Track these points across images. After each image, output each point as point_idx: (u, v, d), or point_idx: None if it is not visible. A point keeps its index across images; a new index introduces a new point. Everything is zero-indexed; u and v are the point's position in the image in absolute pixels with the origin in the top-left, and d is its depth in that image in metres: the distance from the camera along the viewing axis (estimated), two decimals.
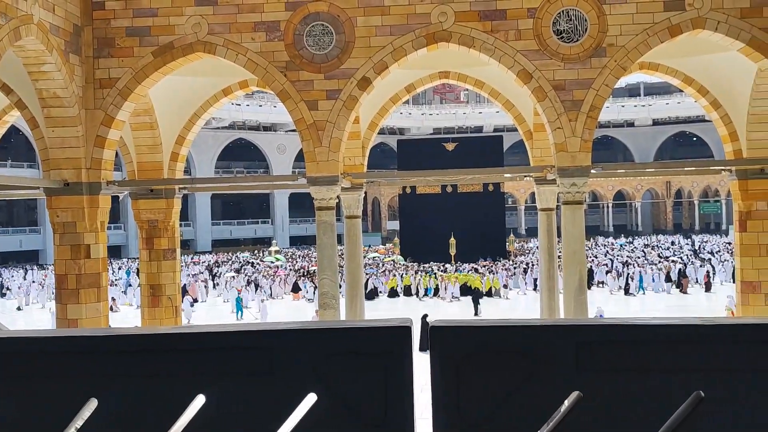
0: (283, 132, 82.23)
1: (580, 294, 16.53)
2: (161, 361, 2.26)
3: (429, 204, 59.50)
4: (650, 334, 2.24)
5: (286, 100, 16.67)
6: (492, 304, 38.20)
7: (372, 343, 2.21)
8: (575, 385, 2.13)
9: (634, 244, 69.95)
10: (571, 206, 16.76)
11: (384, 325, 2.22)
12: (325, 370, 2.20)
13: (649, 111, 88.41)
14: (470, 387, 2.19)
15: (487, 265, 49.90)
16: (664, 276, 43.33)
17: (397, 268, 49.83)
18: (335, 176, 16.75)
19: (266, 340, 2.23)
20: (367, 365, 2.21)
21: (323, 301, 16.95)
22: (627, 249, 65.19)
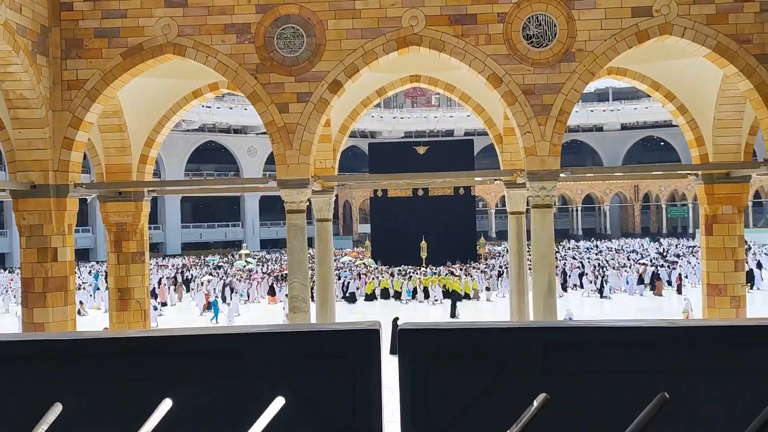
0: (253, 135, 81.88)
1: (549, 297, 16.64)
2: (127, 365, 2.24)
3: (400, 207, 59.59)
4: (616, 337, 2.26)
5: (257, 102, 16.61)
6: (472, 307, 38.33)
7: (340, 347, 2.21)
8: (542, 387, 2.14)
9: (599, 248, 70.55)
10: (541, 209, 16.87)
11: (352, 329, 2.22)
12: (294, 373, 2.19)
13: (618, 116, 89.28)
14: (438, 390, 2.19)
15: (463, 268, 50.02)
16: (636, 278, 43.77)
17: (372, 272, 49.84)
18: (306, 179, 16.71)
19: (234, 344, 2.22)
20: (335, 368, 2.20)
21: (294, 305, 16.89)
22: (593, 252, 65.78)
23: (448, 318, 35.37)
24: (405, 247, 56.12)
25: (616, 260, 54.61)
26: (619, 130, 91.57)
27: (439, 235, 56.60)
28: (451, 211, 59.05)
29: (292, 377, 2.20)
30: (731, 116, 18.79)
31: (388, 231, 60.21)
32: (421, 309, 39.19)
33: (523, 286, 22.37)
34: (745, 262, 20.73)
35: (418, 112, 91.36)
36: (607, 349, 2.24)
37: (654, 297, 41.32)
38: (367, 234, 70.33)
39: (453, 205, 59.42)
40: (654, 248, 68.38)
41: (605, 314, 35.43)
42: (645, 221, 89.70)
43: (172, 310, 41.16)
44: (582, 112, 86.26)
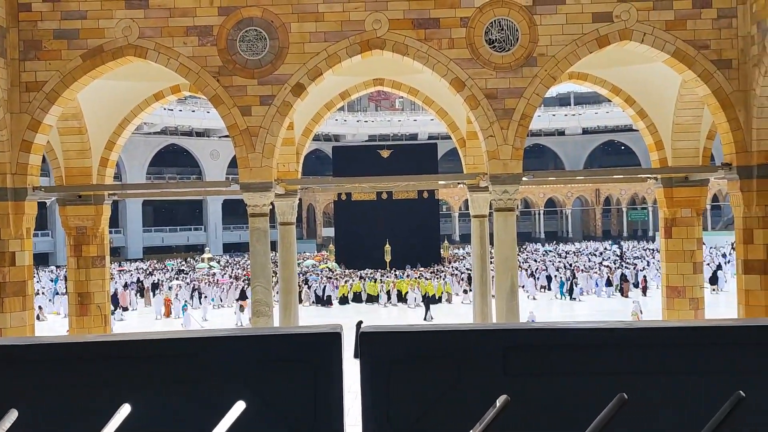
0: (216, 138, 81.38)
1: (512, 299, 16.74)
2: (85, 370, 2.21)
3: (364, 211, 59.62)
4: (576, 338, 2.28)
5: (219, 105, 16.50)
6: (447, 310, 38.42)
7: (301, 350, 2.20)
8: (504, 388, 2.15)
9: (559, 251, 71.21)
10: (503, 213, 16.97)
11: (313, 332, 2.21)
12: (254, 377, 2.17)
13: (579, 120, 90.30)
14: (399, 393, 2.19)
15: (434, 271, 50.11)
16: (605, 281, 44.25)
17: (343, 275, 49.79)
18: (269, 182, 16.64)
19: (193, 348, 2.20)
20: (296, 372, 2.19)
21: (256, 309, 16.80)
22: (552, 255, 66.42)
23: (422, 320, 35.65)
24: (369, 250, 56.15)
25: (581, 263, 55.19)
26: (580, 135, 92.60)
27: (403, 238, 56.73)
28: (414, 215, 59.22)
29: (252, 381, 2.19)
30: (690, 121, 19.10)
31: (352, 234, 60.21)
32: (397, 312, 39.20)
33: (486, 289, 22.49)
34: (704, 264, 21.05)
35: (382, 116, 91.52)
36: (567, 351, 2.26)
37: (622, 299, 41.76)
38: (331, 237, 70.26)
39: (417, 208, 59.60)
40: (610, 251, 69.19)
41: (575, 316, 35.80)
42: (606, 224, 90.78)
43: (133, 314, 40.69)
44: (544, 116, 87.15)
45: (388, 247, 54.21)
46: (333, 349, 2.22)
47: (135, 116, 20.22)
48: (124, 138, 20.32)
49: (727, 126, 15.86)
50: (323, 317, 37.42)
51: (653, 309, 32.58)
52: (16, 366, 2.23)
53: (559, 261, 57.31)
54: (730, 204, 16.76)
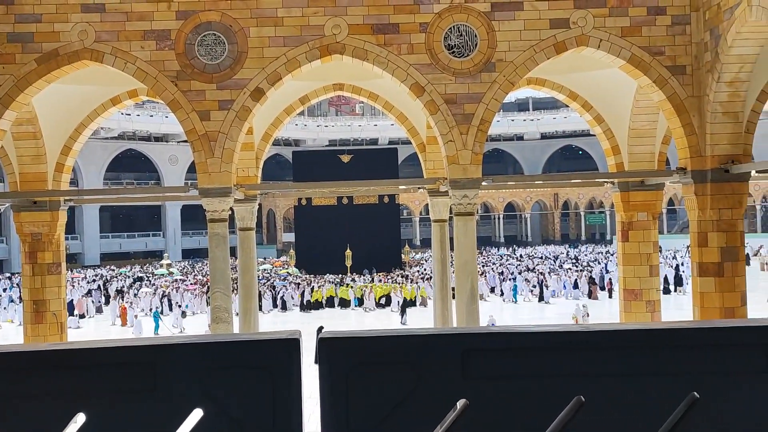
0: (174, 143, 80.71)
1: (472, 303, 16.82)
2: (39, 379, 2.16)
3: (325, 216, 59.54)
4: (533, 341, 2.30)
5: (177, 110, 16.35)
6: (423, 314, 38.37)
7: (259, 357, 2.18)
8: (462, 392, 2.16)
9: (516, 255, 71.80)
10: (463, 217, 17.05)
11: (271, 338, 2.19)
12: (212, 384, 2.15)
13: (538, 125, 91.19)
14: (358, 398, 2.19)
15: (409, 275, 50.14)
16: (572, 283, 44.74)
17: (313, 280, 49.64)
18: (228, 188, 16.53)
19: (149, 355, 2.17)
20: (254, 379, 2.17)
21: (216, 315, 16.67)
22: (510, 258, 66.99)
23: (399, 324, 35.76)
24: (330, 255, 56.03)
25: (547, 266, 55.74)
26: (539, 140, 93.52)
27: (364, 243, 56.73)
28: (375, 220, 59.29)
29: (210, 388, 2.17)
30: (645, 126, 19.39)
31: (313, 240, 60.08)
32: (376, 317, 39.17)
33: (446, 293, 22.56)
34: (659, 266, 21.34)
35: (342, 121, 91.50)
36: (525, 354, 2.28)
37: (591, 301, 42.17)
38: (291, 243, 69.96)
39: (377, 213, 59.68)
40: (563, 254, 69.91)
41: (546, 319, 35.96)
42: (564, 228, 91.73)
43: (90, 322, 40.10)
44: (503, 121, 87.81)
45: (349, 252, 54.12)
46: (292, 356, 2.21)
47: (92, 121, 19.94)
48: (81, 143, 20.03)
49: (681, 131, 16.13)
50: (292, 324, 37.25)
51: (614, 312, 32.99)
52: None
53: (518, 265, 57.72)
54: (685, 208, 17.04)
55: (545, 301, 42.41)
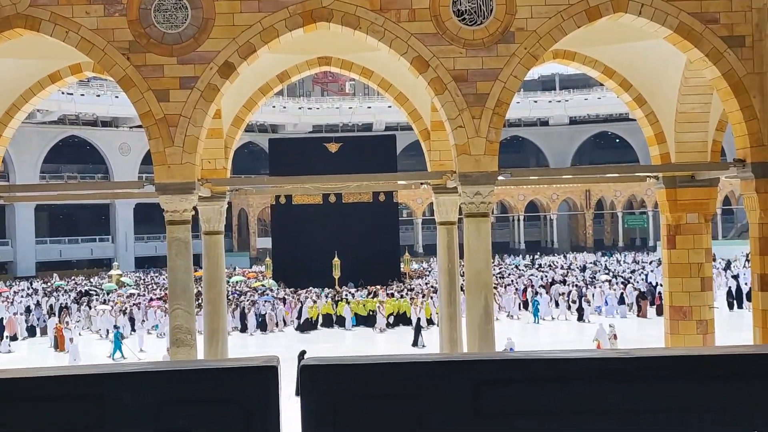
0: (126, 128, 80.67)
1: (486, 323, 16.82)
2: None
3: (308, 217, 59.46)
4: (561, 370, 2.29)
5: (130, 88, 16.34)
6: (430, 335, 38.45)
7: (228, 388, 2.18)
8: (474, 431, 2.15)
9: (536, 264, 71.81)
10: (475, 219, 17.05)
11: (243, 366, 2.19)
12: (171, 421, 2.15)
13: (566, 107, 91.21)
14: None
15: (420, 290, 50.08)
16: (617, 298, 44.78)
17: (306, 295, 49.63)
18: (191, 183, 16.51)
19: (94, 387, 2.17)
20: (222, 414, 2.17)
21: (176, 337, 16.65)
22: (529, 268, 67.06)
23: (410, 347, 35.78)
24: (314, 265, 55.97)
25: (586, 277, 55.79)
26: (567, 125, 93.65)
27: (355, 250, 56.65)
28: (369, 222, 59.19)
29: (170, 426, 2.16)
30: (696, 109, 19.39)
31: (293, 246, 59.99)
32: (386, 339, 39.31)
33: (454, 311, 22.57)
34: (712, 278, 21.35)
35: (330, 102, 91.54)
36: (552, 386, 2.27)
37: (639, 319, 42.22)
38: (267, 250, 69.94)
39: (372, 214, 59.60)
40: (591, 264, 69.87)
41: (585, 343, 35.79)
42: (598, 233, 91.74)
43: (22, 345, 40.02)
44: (524, 103, 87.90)
45: (337, 260, 54.09)
46: (268, 386, 2.20)
47: (26, 102, 19.93)
48: (12, 128, 20.02)
49: (740, 115, 16.11)
50: (283, 348, 37.28)
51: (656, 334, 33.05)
52: None
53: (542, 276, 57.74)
54: (744, 208, 17.04)
55: (585, 320, 42.33)
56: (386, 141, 63.88)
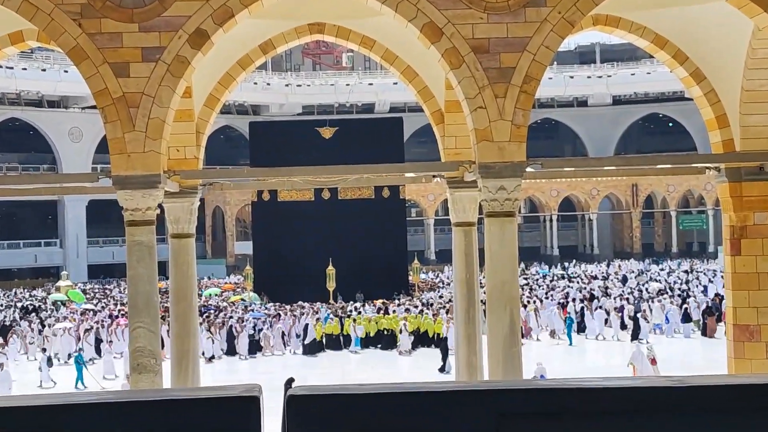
0: (77, 110, 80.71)
1: (512, 344, 16.81)
2: None
3: (296, 216, 59.45)
4: (601, 402, 2.29)
5: (82, 61, 16.35)
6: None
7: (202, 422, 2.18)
8: None
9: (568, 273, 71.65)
10: (499, 220, 17.05)
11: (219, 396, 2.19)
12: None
13: (608, 84, 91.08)
14: None
15: (442, 304, 50.03)
16: (680, 314, 44.89)
17: (311, 310, 49.67)
18: (155, 175, 16.53)
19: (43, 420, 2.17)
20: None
21: (138, 362, 16.65)
22: (545, 279, 66.99)
23: (437, 373, 35.75)
24: (303, 274, 55.99)
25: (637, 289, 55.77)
26: (609, 106, 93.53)
27: (354, 257, 56.70)
28: (370, 223, 59.21)
29: None
30: (765, 86, 19.32)
31: (279, 252, 59.97)
32: (409, 363, 39.41)
33: (473, 330, 22.58)
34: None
35: (323, 78, 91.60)
36: (589, 420, 2.27)
37: (705, 339, 42.38)
38: (247, 256, 69.91)
39: (374, 213, 59.62)
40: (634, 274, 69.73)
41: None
42: (647, 236, 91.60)
43: None
44: (557, 79, 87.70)
45: (331, 269, 54.13)
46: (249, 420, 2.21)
47: None
48: None
49: None
50: (288, 373, 37.47)
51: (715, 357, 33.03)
52: None
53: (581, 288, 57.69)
54: None
55: (640, 339, 42.29)
56: (391, 125, 63.88)
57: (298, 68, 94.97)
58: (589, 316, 45.56)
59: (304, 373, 35.25)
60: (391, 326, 43.50)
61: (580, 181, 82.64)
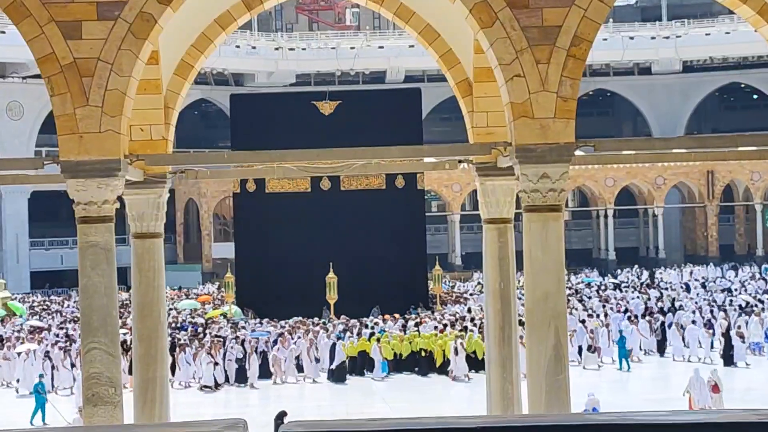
0: (16, 79, 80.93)
1: (557, 371, 16.82)
2: None
3: (289, 211, 59.47)
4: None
5: (23, 20, 16.41)
6: (470, 386, 38.61)
7: None
8: None
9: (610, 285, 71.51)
10: (542, 215, 17.05)
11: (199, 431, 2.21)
12: None
13: (677, 47, 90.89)
14: None
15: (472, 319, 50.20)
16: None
17: (331, 323, 49.82)
18: (114, 161, 16.58)
19: None
20: None
21: (92, 391, 16.70)
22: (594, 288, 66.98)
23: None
24: (297, 283, 56.00)
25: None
26: (679, 74, 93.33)
27: (360, 261, 56.68)
28: (381, 219, 59.21)
29: None
30: None
31: (267, 255, 59.98)
32: (463, 392, 39.78)
33: (509, 352, 22.60)
34: None
35: (322, 40, 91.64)
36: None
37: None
38: (228, 261, 70.01)
39: (385, 207, 59.60)
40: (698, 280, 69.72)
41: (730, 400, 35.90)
42: (726, 235, 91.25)
43: None
44: (614, 40, 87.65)
45: (332, 277, 54.07)
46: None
47: None
48: None
49: None
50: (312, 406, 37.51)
51: None
52: None
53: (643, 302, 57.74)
54: None
55: (735, 364, 42.52)
56: (406, 98, 63.89)
57: (291, 28, 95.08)
58: (670, 333, 46.05)
59: (332, 402, 35.23)
60: (428, 346, 43.58)
61: (642, 167, 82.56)
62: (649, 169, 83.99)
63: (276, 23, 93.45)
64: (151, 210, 22.12)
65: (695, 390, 32.52)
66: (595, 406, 29.14)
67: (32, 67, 62.94)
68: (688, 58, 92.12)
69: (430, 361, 43.10)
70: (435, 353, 43.02)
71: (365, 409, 36.62)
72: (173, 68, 22.16)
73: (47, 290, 78.68)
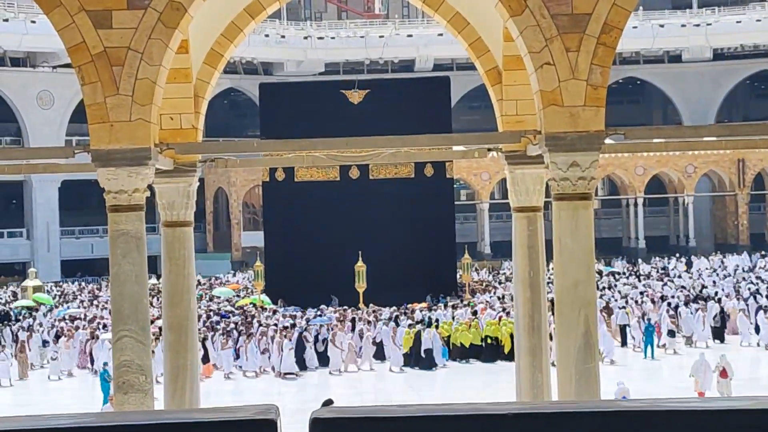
0: (47, 69, 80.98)
1: (587, 359, 16.80)
2: None
3: (318, 200, 59.42)
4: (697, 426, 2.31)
5: (54, 9, 16.45)
6: (502, 374, 38.59)
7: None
8: None
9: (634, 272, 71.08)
10: (572, 204, 17.03)
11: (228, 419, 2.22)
12: None
13: (708, 35, 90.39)
14: None
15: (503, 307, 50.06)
16: None
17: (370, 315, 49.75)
18: (145, 149, 16.61)
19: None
20: None
21: (123, 379, 16.76)
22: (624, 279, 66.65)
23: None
24: (327, 272, 55.94)
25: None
26: (709, 62, 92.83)
27: (389, 250, 56.57)
28: (410, 208, 59.09)
29: None
30: None
31: (296, 244, 59.93)
32: None
33: (539, 340, 22.57)
34: None
35: (351, 29, 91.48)
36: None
37: None
38: (257, 249, 69.95)
39: (414, 195, 59.45)
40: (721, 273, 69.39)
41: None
42: (757, 223, 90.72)
43: None
44: (644, 28, 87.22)
45: (361, 265, 53.99)
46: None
47: None
48: None
49: None
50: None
51: None
52: None
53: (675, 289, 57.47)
54: None
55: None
56: (435, 86, 63.78)
57: (320, 17, 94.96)
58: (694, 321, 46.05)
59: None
60: (495, 334, 43.66)
61: (672, 155, 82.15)
62: (680, 157, 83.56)
63: (305, 12, 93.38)
64: (181, 199, 22.16)
65: (700, 374, 32.56)
66: (624, 395, 29.06)
67: (62, 56, 63.08)
68: (718, 46, 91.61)
69: (496, 349, 43.09)
70: (503, 340, 42.88)
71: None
72: (203, 57, 22.19)
73: (78, 278, 78.62)
